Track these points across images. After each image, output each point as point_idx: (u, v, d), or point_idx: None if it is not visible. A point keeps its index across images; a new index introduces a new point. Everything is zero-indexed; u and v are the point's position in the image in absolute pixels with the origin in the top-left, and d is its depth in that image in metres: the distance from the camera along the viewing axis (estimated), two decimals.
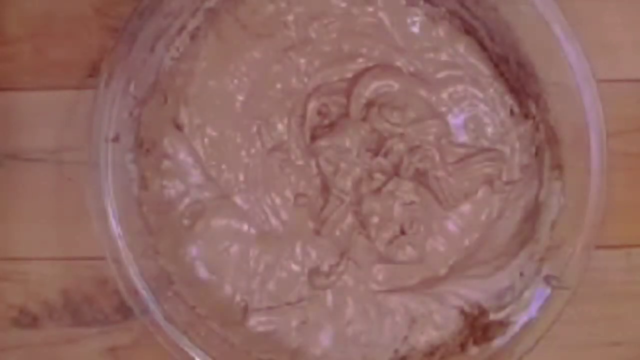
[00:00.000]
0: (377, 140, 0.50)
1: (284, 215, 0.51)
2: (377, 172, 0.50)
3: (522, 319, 0.48)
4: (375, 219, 0.50)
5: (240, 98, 0.51)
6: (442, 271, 0.51)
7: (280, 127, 0.51)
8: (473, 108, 0.52)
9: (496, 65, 0.51)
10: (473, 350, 0.49)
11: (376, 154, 0.50)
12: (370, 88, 0.51)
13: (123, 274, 0.46)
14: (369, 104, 0.51)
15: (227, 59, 0.51)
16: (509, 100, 0.52)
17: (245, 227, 0.51)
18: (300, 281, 0.51)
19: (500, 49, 0.50)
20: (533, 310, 0.48)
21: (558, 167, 0.49)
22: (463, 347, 0.49)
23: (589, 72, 0.47)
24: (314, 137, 0.51)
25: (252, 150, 0.51)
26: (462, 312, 0.50)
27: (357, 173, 0.50)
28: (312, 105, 0.51)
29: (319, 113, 0.51)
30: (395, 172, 0.50)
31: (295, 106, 0.51)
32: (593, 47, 0.47)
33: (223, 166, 0.51)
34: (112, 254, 0.46)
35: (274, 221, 0.51)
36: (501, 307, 0.49)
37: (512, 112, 0.51)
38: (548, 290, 0.48)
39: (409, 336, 0.50)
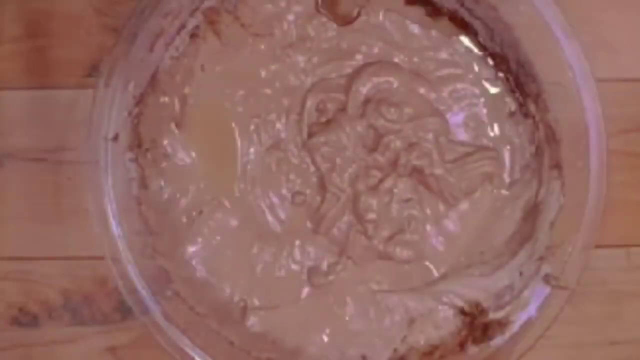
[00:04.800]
0: (374, 136, 0.50)
1: (282, 214, 0.51)
2: (373, 169, 0.50)
3: (521, 318, 0.48)
4: (372, 217, 0.50)
5: (239, 97, 0.51)
6: (441, 270, 0.51)
7: (278, 125, 0.51)
8: (473, 107, 0.52)
9: (496, 65, 0.51)
10: (472, 349, 0.49)
11: (373, 150, 0.50)
12: (369, 84, 0.51)
13: (123, 273, 0.46)
14: (367, 101, 0.51)
15: (226, 58, 0.51)
16: (509, 99, 0.51)
17: (244, 226, 0.51)
18: (299, 280, 0.51)
19: (500, 48, 0.50)
20: (532, 309, 0.48)
21: (557, 166, 0.49)
22: (462, 346, 0.50)
23: (588, 72, 0.46)
24: (310, 134, 0.51)
25: (251, 149, 0.51)
26: (462, 311, 0.50)
27: (353, 169, 0.50)
28: (310, 102, 0.51)
29: (317, 110, 0.51)
30: (392, 169, 0.50)
31: (293, 104, 0.51)
32: (593, 47, 0.47)
33: (222, 165, 0.51)
34: (111, 254, 0.46)
35: (272, 220, 0.51)
36: (500, 307, 0.49)
37: (511, 112, 0.51)
38: (547, 290, 0.48)
39: (408, 335, 0.51)
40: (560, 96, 0.48)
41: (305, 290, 0.51)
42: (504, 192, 0.51)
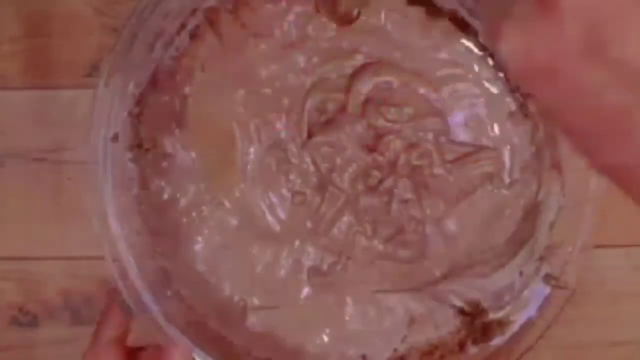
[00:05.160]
0: (374, 136, 0.50)
1: (282, 214, 0.51)
2: (373, 169, 0.50)
3: (521, 318, 0.48)
4: (372, 217, 0.50)
5: (239, 97, 0.51)
6: (442, 270, 0.51)
7: (278, 125, 0.51)
8: (473, 107, 0.52)
9: (496, 65, 0.51)
10: (472, 349, 0.49)
11: (373, 150, 0.50)
12: (369, 84, 0.51)
13: (123, 273, 0.46)
14: (367, 101, 0.51)
15: (226, 58, 0.51)
16: (509, 99, 0.51)
17: (244, 226, 0.51)
18: (299, 280, 0.51)
19: None
20: (532, 309, 0.48)
21: (557, 166, 0.49)
22: (462, 346, 0.50)
23: None
24: (310, 134, 0.51)
25: (251, 149, 0.51)
26: (461, 311, 0.50)
27: (353, 169, 0.50)
28: (310, 102, 0.51)
29: (317, 110, 0.51)
30: (392, 169, 0.50)
31: (293, 104, 0.51)
32: None
33: (222, 165, 0.51)
34: (111, 254, 0.46)
35: (272, 220, 0.51)
36: (500, 307, 0.49)
37: (511, 112, 0.51)
38: (547, 290, 0.48)
39: (408, 335, 0.51)
40: None
41: (305, 290, 0.51)
42: (504, 192, 0.51)
